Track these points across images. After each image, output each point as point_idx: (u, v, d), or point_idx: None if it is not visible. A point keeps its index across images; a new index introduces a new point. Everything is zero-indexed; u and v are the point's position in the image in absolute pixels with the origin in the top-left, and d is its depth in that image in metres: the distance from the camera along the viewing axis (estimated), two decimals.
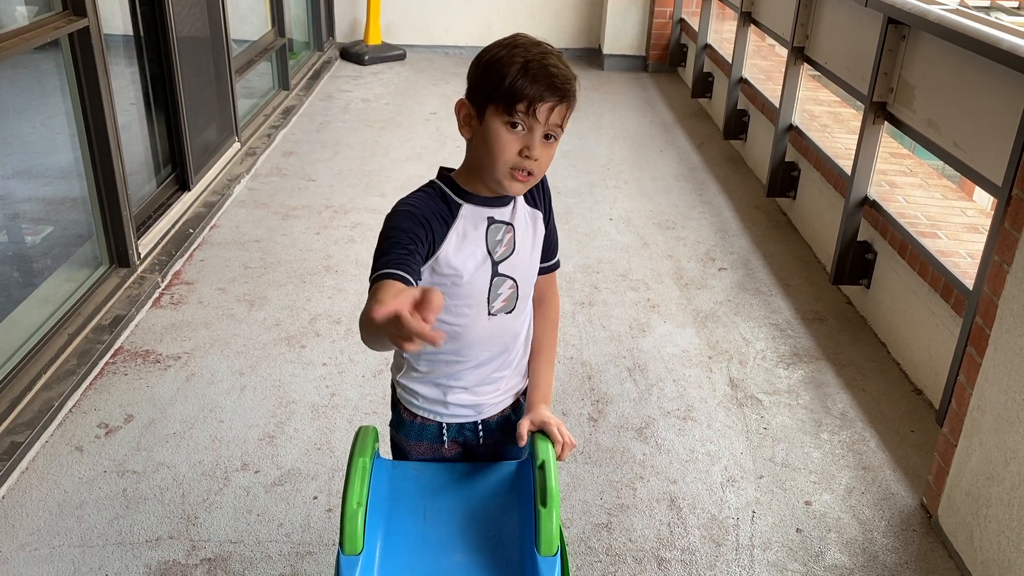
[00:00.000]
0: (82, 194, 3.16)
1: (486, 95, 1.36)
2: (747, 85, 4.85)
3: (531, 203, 1.51)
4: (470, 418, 1.56)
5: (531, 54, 1.34)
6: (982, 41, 2.45)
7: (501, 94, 1.33)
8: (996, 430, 2.02)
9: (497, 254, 1.45)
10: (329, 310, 3.23)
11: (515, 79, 1.32)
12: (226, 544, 2.14)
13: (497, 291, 1.46)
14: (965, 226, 3.10)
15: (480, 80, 1.37)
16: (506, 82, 1.33)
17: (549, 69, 1.33)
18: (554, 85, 1.33)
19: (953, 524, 2.20)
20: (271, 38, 5.55)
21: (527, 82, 1.32)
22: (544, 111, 1.33)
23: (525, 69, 1.32)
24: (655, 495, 2.37)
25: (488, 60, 1.37)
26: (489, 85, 1.35)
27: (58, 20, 2.82)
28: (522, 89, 1.32)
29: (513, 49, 1.35)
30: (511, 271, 1.47)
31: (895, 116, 3.08)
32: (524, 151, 1.35)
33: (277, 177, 4.51)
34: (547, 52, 1.36)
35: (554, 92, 1.33)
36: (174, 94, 3.75)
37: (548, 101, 1.33)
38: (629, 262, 3.71)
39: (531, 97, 1.32)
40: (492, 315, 1.47)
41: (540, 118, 1.33)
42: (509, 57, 1.34)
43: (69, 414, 2.59)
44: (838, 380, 2.91)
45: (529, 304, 1.54)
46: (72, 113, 3.02)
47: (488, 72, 1.36)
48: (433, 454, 1.59)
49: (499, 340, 1.50)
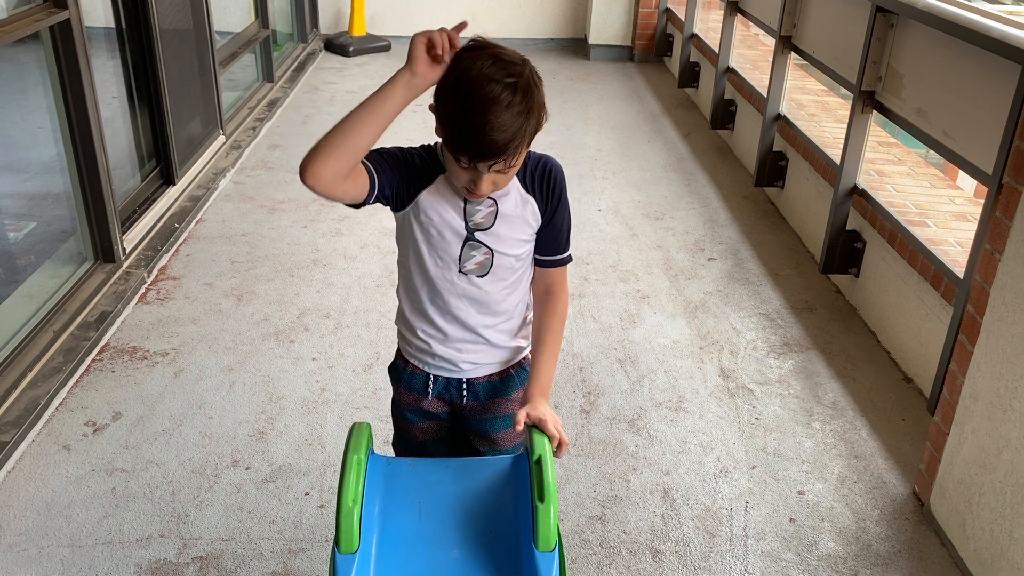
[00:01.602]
0: (65, 189, 3.12)
1: (440, 120, 1.38)
2: (734, 75, 4.84)
3: (527, 187, 1.52)
4: (454, 374, 1.62)
5: (481, 103, 1.30)
6: (971, 29, 2.45)
7: (448, 135, 1.36)
8: (988, 418, 2.03)
9: (473, 222, 1.49)
10: (318, 304, 3.20)
11: (457, 135, 1.34)
12: (217, 542, 2.12)
13: (469, 254, 1.50)
14: (954, 214, 3.11)
15: (437, 105, 1.38)
16: (449, 132, 1.35)
17: (488, 135, 1.31)
18: (491, 150, 1.33)
19: (945, 512, 2.20)
20: (255, 30, 5.50)
21: (465, 143, 1.33)
22: (484, 165, 1.36)
23: (469, 124, 1.31)
24: (648, 487, 2.36)
25: (444, 89, 1.36)
26: (440, 118, 1.38)
27: (39, 12, 2.77)
28: (461, 149, 1.35)
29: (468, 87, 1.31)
30: (487, 241, 1.50)
31: (884, 105, 3.08)
32: (471, 184, 1.40)
33: (263, 170, 4.47)
34: (498, 99, 1.30)
35: (492, 156, 1.34)
36: (157, 87, 3.71)
37: (486, 160, 1.35)
38: (619, 253, 3.70)
39: (470, 156, 1.35)
40: (463, 273, 1.52)
41: (481, 168, 1.36)
42: (461, 97, 1.32)
43: (56, 412, 2.56)
44: (829, 369, 2.91)
45: (512, 280, 1.56)
46: (54, 107, 2.98)
47: (441, 105, 1.37)
48: (418, 405, 1.65)
49: (474, 299, 1.55)
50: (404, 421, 1.70)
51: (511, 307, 1.58)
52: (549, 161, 1.53)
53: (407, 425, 1.70)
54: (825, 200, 3.48)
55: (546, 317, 1.60)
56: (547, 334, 1.59)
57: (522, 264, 1.56)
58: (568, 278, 1.63)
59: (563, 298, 1.62)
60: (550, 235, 1.55)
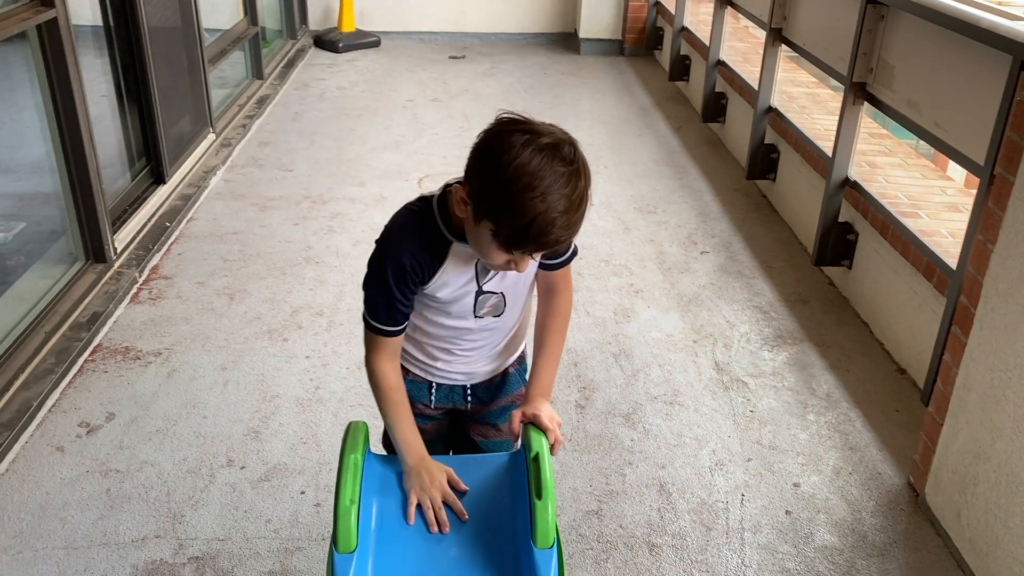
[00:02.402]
0: (55, 189, 3.10)
1: (485, 212, 1.26)
2: (725, 68, 4.84)
3: None
4: (458, 382, 1.62)
5: (553, 206, 1.20)
6: (961, 20, 2.45)
7: (501, 231, 1.24)
8: (982, 408, 2.04)
9: (486, 286, 1.48)
10: (311, 302, 3.19)
11: (520, 226, 1.22)
12: (213, 542, 2.11)
13: (483, 304, 1.50)
14: (946, 205, 3.12)
15: (484, 193, 1.25)
16: (510, 228, 1.23)
17: (557, 233, 1.23)
18: (554, 242, 1.26)
19: (940, 502, 2.21)
20: (243, 27, 5.47)
21: (530, 237, 1.23)
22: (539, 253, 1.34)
23: (536, 223, 1.21)
24: (644, 481, 2.36)
25: (501, 181, 1.21)
26: (491, 209, 1.24)
27: (25, 11, 2.75)
28: (523, 244, 1.25)
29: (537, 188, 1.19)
30: (497, 288, 1.50)
31: (875, 96, 3.08)
32: (511, 263, 1.33)
33: (254, 168, 4.45)
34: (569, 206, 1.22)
35: (548, 246, 1.27)
36: (146, 85, 3.69)
37: (544, 250, 1.31)
38: (611, 247, 3.70)
39: (531, 250, 1.28)
40: (479, 317, 1.52)
41: (535, 257, 1.35)
42: (529, 195, 1.19)
43: (49, 414, 2.54)
44: (822, 361, 2.92)
45: (521, 305, 1.56)
46: (42, 106, 2.96)
47: (495, 195, 1.23)
48: (419, 412, 1.62)
49: (489, 333, 1.56)
50: None
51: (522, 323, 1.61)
52: None
53: None
54: (817, 192, 3.48)
55: (549, 317, 1.57)
56: (549, 335, 1.57)
57: (529, 291, 1.56)
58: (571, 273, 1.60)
59: (566, 295, 1.58)
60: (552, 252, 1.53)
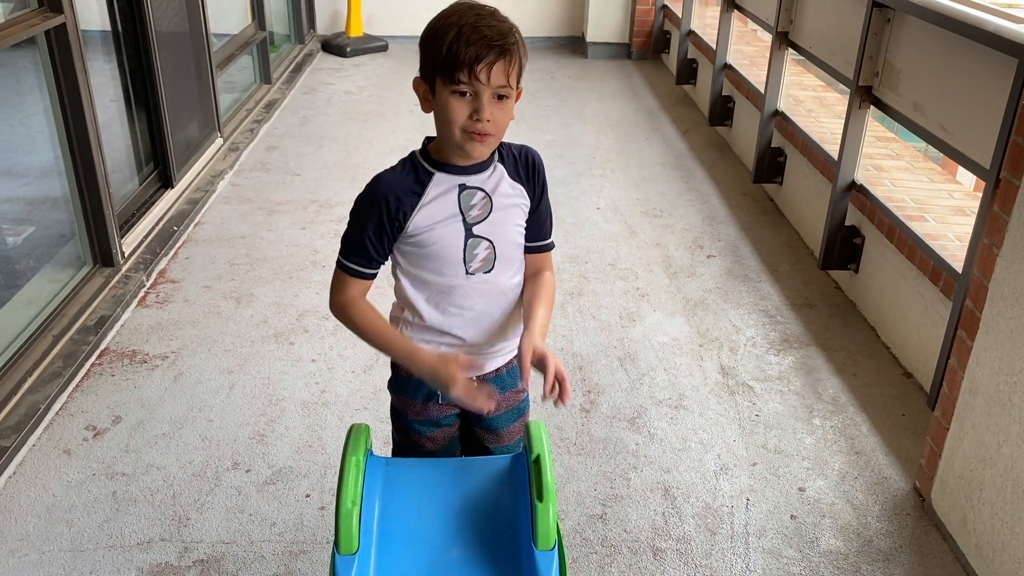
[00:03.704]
0: (63, 193, 3.12)
1: (432, 69, 1.41)
2: (732, 71, 4.84)
3: (514, 176, 1.54)
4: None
5: (464, 19, 1.37)
6: (967, 23, 2.45)
7: (441, 64, 1.38)
8: (988, 413, 2.03)
9: (471, 216, 1.50)
10: (317, 306, 3.20)
11: (450, 46, 1.36)
12: (219, 545, 2.12)
13: (473, 251, 1.51)
14: (952, 209, 3.11)
15: (424, 55, 1.42)
16: (443, 51, 1.37)
17: (481, 30, 1.36)
18: (488, 44, 1.36)
19: (946, 507, 2.20)
20: (251, 31, 5.50)
21: (461, 46, 1.36)
22: (484, 72, 1.37)
23: (459, 34, 1.36)
24: (649, 485, 2.36)
25: (427, 34, 1.42)
26: (431, 58, 1.40)
27: (34, 17, 2.77)
28: (458, 54, 1.37)
29: (448, 18, 1.39)
30: (487, 233, 1.51)
31: (881, 100, 3.08)
32: (474, 115, 1.40)
33: (261, 172, 4.47)
34: (480, 14, 1.39)
35: (490, 50, 1.36)
36: (154, 90, 3.71)
37: (486, 60, 1.36)
38: (617, 251, 3.70)
39: (468, 61, 1.36)
40: (471, 274, 1.52)
41: (483, 79, 1.37)
42: (444, 27, 1.38)
43: (56, 417, 2.56)
44: (828, 365, 2.91)
45: (513, 266, 1.58)
46: (51, 111, 2.98)
47: (428, 45, 1.41)
48: (426, 414, 1.64)
49: (485, 296, 1.56)
50: (412, 433, 1.66)
51: (514, 291, 1.61)
52: (530, 149, 1.59)
53: (415, 436, 1.67)
54: (824, 196, 3.47)
55: (537, 286, 1.62)
56: (541, 292, 1.61)
57: (519, 251, 1.59)
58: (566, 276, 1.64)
59: (549, 277, 1.65)
60: (536, 221, 1.59)
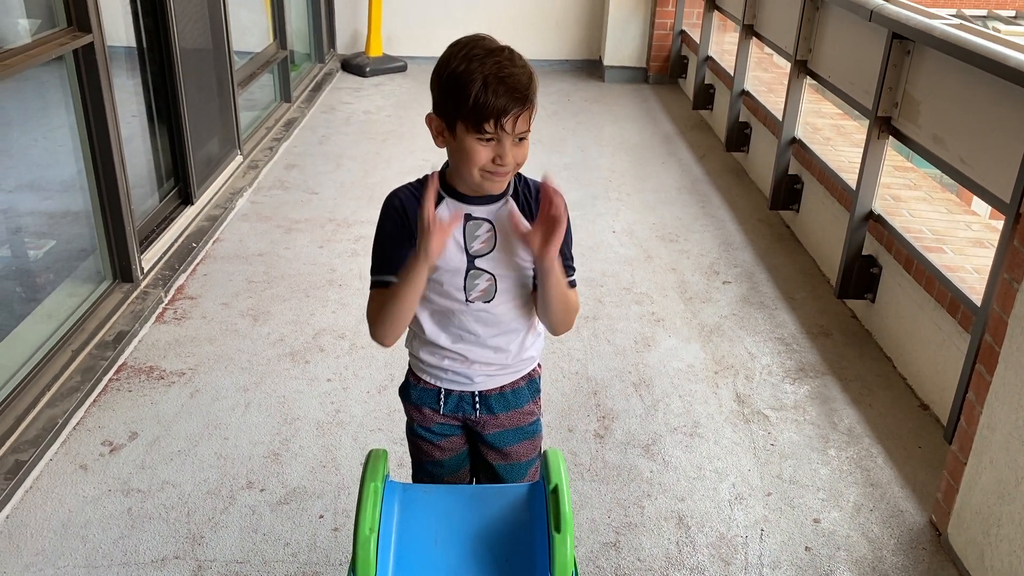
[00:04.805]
0: (85, 208, 3.16)
1: (452, 112, 1.42)
2: (749, 97, 4.85)
3: (525, 211, 1.55)
4: (466, 387, 1.63)
5: (486, 67, 1.38)
6: (988, 57, 2.45)
7: (467, 113, 1.39)
8: (1007, 449, 2.01)
9: (473, 249, 1.52)
10: (333, 324, 3.21)
11: (476, 97, 1.37)
12: (232, 564, 2.12)
13: (473, 282, 1.53)
14: (971, 240, 3.10)
15: (444, 97, 1.43)
16: (470, 101, 1.38)
17: (506, 81, 1.38)
18: (514, 97, 1.38)
19: (963, 542, 2.19)
20: (273, 50, 5.55)
21: (489, 98, 1.37)
22: (511, 123, 1.39)
23: (484, 85, 1.37)
24: (663, 513, 2.35)
25: (448, 76, 1.41)
26: (453, 103, 1.41)
27: (63, 36, 2.81)
28: (485, 106, 1.37)
29: (470, 63, 1.39)
30: (490, 267, 1.53)
31: (900, 131, 3.08)
32: (497, 159, 1.42)
33: (280, 190, 4.50)
34: (502, 61, 1.40)
35: (516, 103, 1.39)
36: (177, 107, 3.75)
37: (512, 112, 1.39)
38: (633, 275, 3.70)
39: (496, 113, 1.38)
40: (470, 302, 1.55)
41: (508, 128, 1.40)
42: (468, 73, 1.38)
43: (73, 432, 2.57)
44: (844, 395, 2.90)
45: (516, 298, 1.58)
46: (75, 126, 3.02)
47: (450, 90, 1.41)
48: (432, 422, 1.67)
49: (484, 323, 1.58)
50: (420, 441, 1.71)
51: (520, 324, 1.61)
52: (538, 181, 1.57)
53: (423, 445, 1.71)
54: (841, 224, 3.47)
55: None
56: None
57: (525, 286, 1.58)
58: (580, 300, 1.64)
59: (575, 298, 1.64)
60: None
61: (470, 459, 1.76)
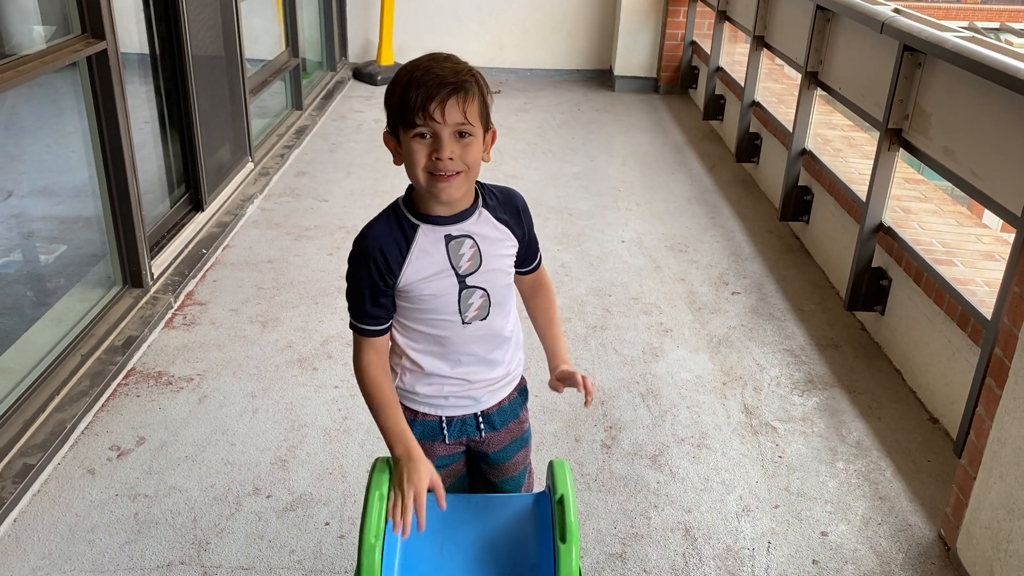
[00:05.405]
0: (96, 213, 3.17)
1: (393, 119, 1.43)
2: (760, 108, 4.85)
3: (500, 218, 1.54)
4: (469, 409, 1.62)
5: (419, 65, 1.40)
6: (1000, 70, 2.44)
7: (399, 111, 1.40)
8: (1017, 464, 2.00)
9: (462, 269, 1.50)
10: (341, 332, 3.22)
11: (404, 91, 1.39)
12: (237, 571, 2.12)
13: (468, 302, 1.52)
14: (981, 254, 3.09)
15: (386, 107, 1.45)
16: (397, 98, 1.40)
17: (433, 71, 1.38)
18: (441, 82, 1.37)
19: (972, 558, 2.17)
20: (285, 58, 5.58)
21: (412, 89, 1.38)
22: (438, 110, 1.37)
23: (411, 79, 1.38)
24: (670, 524, 2.34)
25: (388, 87, 1.44)
26: (391, 108, 1.43)
27: (77, 43, 2.83)
28: (411, 97, 1.38)
29: (404, 68, 1.42)
30: (480, 282, 1.52)
31: (911, 143, 3.07)
32: (434, 154, 1.39)
33: (290, 197, 4.52)
34: (435, 58, 1.41)
35: (442, 87, 1.37)
36: (189, 113, 3.77)
37: (438, 98, 1.37)
38: (641, 285, 3.70)
39: (421, 101, 1.37)
40: (467, 323, 1.53)
41: (438, 117, 1.37)
42: (400, 76, 1.41)
43: (81, 436, 2.58)
44: (853, 408, 2.89)
45: (508, 306, 1.59)
46: (88, 132, 3.04)
47: (388, 97, 1.43)
48: (433, 454, 1.61)
49: (482, 340, 1.57)
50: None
51: (509, 331, 1.62)
52: (513, 191, 1.60)
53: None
54: (851, 236, 3.46)
55: (542, 308, 1.70)
56: (551, 314, 1.71)
57: (510, 291, 1.60)
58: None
59: (548, 289, 1.72)
60: (526, 251, 1.61)
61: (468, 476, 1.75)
